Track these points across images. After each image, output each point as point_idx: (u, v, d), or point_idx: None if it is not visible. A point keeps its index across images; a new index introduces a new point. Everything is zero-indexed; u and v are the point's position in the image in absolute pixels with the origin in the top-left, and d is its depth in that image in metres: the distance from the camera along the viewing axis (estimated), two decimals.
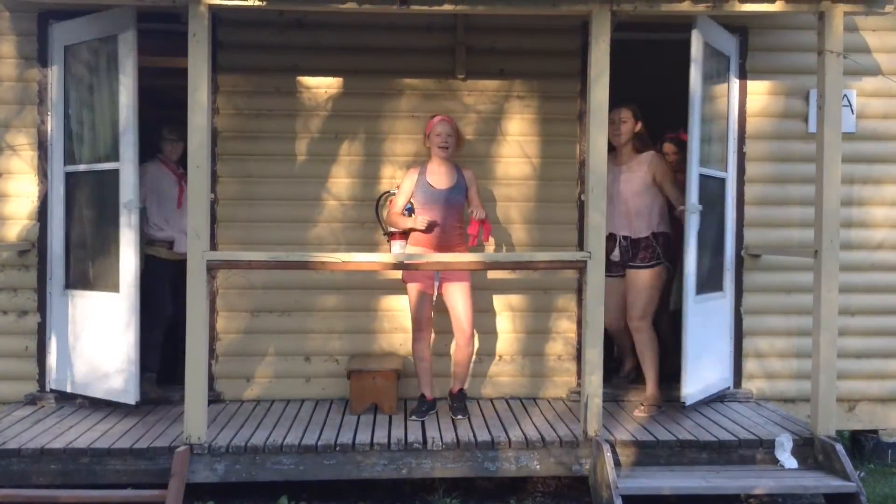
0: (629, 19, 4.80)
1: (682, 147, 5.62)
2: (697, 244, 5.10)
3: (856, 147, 5.67)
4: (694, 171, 5.01)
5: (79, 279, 5.45)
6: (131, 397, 5.11)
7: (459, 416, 5.12)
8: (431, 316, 5.27)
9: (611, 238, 5.20)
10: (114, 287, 5.17)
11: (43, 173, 5.49)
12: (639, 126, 5.31)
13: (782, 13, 4.81)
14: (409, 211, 5.28)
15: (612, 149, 5.20)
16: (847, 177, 5.40)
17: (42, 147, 5.48)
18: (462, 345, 5.22)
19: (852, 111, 5.71)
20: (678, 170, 5.57)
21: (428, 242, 5.12)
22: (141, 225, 5.29)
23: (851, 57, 5.22)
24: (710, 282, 5.38)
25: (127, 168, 5.08)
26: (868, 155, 5.75)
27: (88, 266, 5.42)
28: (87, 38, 5.32)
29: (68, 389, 5.43)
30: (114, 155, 5.17)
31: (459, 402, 5.23)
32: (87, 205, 5.41)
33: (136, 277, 5.10)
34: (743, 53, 5.65)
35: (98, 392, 5.29)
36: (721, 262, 5.56)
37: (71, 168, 5.45)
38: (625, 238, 5.31)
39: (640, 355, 5.40)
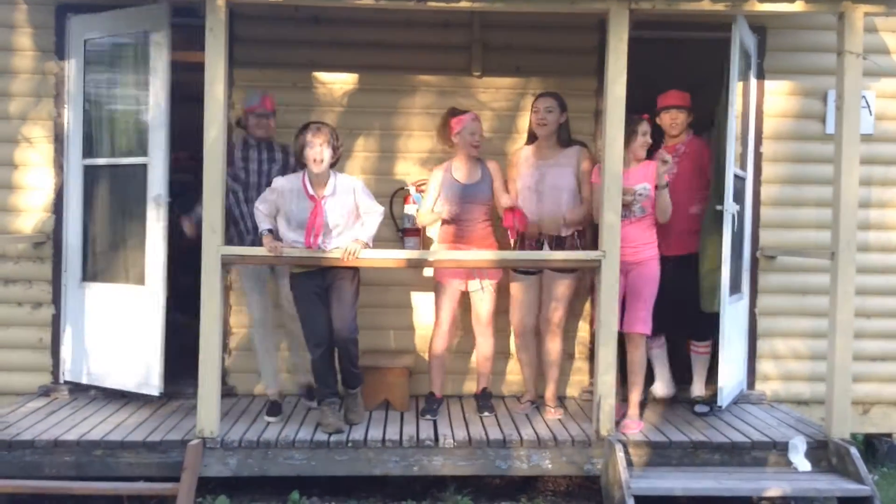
0: (647, 17, 4.77)
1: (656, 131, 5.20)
2: (728, 245, 5.04)
3: (874, 149, 5.64)
4: (729, 171, 4.97)
5: (99, 272, 5.50)
6: (155, 389, 5.15)
7: (486, 414, 5.12)
8: (454, 314, 5.25)
9: (534, 236, 5.10)
10: (138, 280, 5.26)
11: (59, 166, 5.51)
12: (564, 117, 5.12)
13: (801, 13, 4.78)
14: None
15: (533, 140, 5.18)
16: (865, 179, 5.34)
17: (58, 140, 5.51)
18: (481, 339, 5.25)
19: (870, 112, 5.67)
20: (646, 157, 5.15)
21: (453, 237, 5.12)
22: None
23: (870, 58, 5.18)
24: (731, 283, 5.33)
25: (156, 163, 5.16)
26: (886, 157, 5.72)
27: (111, 259, 5.47)
28: (113, 32, 5.38)
29: (84, 381, 5.46)
30: (139, 150, 5.27)
31: (485, 400, 5.23)
32: (110, 198, 5.46)
33: (164, 270, 5.14)
34: (761, 53, 5.62)
35: (116, 384, 5.35)
36: (740, 263, 5.52)
37: (90, 161, 5.48)
38: (549, 236, 5.07)
39: (549, 362, 5.21)
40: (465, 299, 5.29)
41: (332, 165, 4.76)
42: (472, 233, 5.11)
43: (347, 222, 4.77)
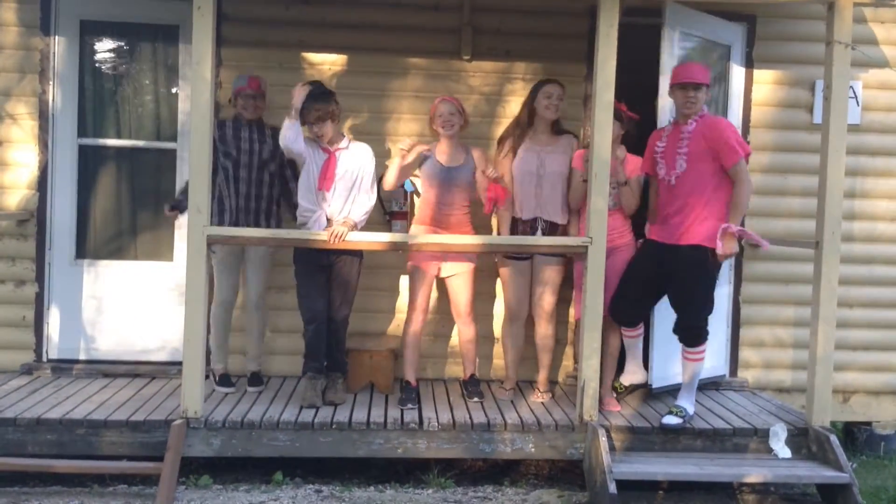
0: (638, 4, 4.77)
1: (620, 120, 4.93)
2: None
3: (860, 139, 5.67)
4: None
5: (106, 250, 5.59)
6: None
7: (476, 399, 5.10)
8: (428, 298, 5.24)
9: (530, 222, 5.12)
10: (167, 257, 5.57)
11: (43, 143, 5.47)
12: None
13: (792, 2, 4.78)
14: (408, 192, 5.32)
15: (531, 128, 5.13)
16: (850, 169, 5.38)
17: (43, 117, 5.46)
18: (462, 327, 5.23)
19: (858, 103, 5.69)
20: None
21: (430, 220, 5.10)
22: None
23: (859, 48, 5.19)
24: None
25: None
26: (872, 147, 5.75)
27: (123, 237, 5.62)
28: (126, 19, 5.51)
29: (81, 357, 5.54)
30: (161, 136, 5.59)
31: (474, 386, 5.22)
32: (122, 179, 5.60)
33: None
34: (750, 42, 5.63)
35: (134, 357, 5.56)
36: None
37: (90, 141, 5.54)
38: (545, 221, 5.11)
39: (540, 347, 5.27)
40: (441, 284, 5.27)
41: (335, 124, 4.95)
42: (450, 218, 5.08)
43: (352, 182, 4.88)
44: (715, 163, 4.65)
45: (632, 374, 5.26)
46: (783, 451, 4.70)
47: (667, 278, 4.78)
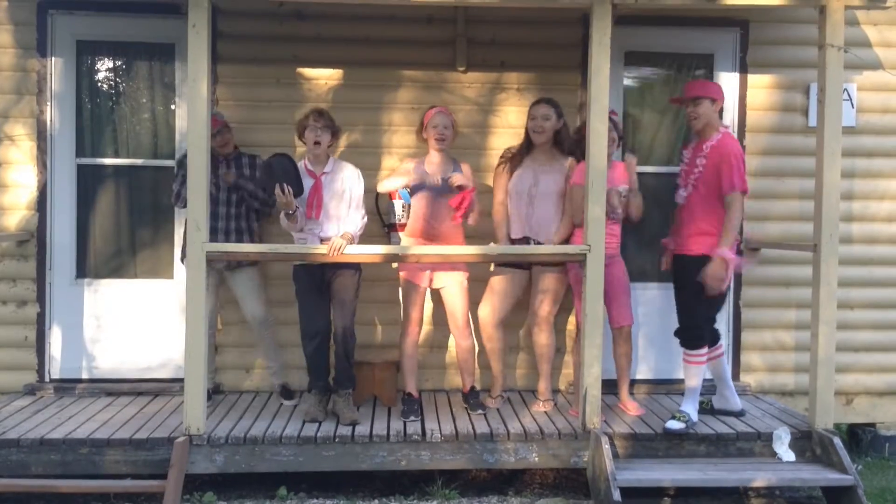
0: (630, 12, 4.79)
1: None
2: None
3: (856, 141, 5.69)
4: None
5: (107, 269, 5.62)
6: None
7: (480, 412, 5.08)
8: (422, 309, 5.21)
9: (520, 242, 5.11)
10: (167, 275, 5.59)
11: (42, 164, 5.48)
12: (561, 124, 5.11)
13: (784, 7, 4.80)
14: (406, 204, 5.32)
15: (532, 147, 5.14)
16: (847, 171, 5.40)
17: (41, 137, 5.48)
18: (459, 339, 5.21)
19: (852, 105, 5.71)
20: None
21: (421, 233, 5.08)
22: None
23: (852, 51, 5.21)
24: None
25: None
26: (868, 149, 5.76)
27: (123, 256, 5.63)
28: (121, 38, 5.56)
29: (83, 376, 5.56)
30: (158, 153, 5.60)
31: (474, 398, 5.20)
32: (119, 197, 5.62)
33: None
34: (743, 47, 5.65)
35: (140, 375, 5.57)
36: None
37: (88, 161, 5.56)
38: (536, 242, 5.08)
39: (539, 356, 5.26)
40: (437, 295, 5.26)
41: (329, 146, 5.02)
42: (440, 230, 5.04)
43: (342, 203, 4.92)
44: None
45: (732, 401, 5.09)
46: (787, 455, 4.69)
47: (678, 283, 4.89)
